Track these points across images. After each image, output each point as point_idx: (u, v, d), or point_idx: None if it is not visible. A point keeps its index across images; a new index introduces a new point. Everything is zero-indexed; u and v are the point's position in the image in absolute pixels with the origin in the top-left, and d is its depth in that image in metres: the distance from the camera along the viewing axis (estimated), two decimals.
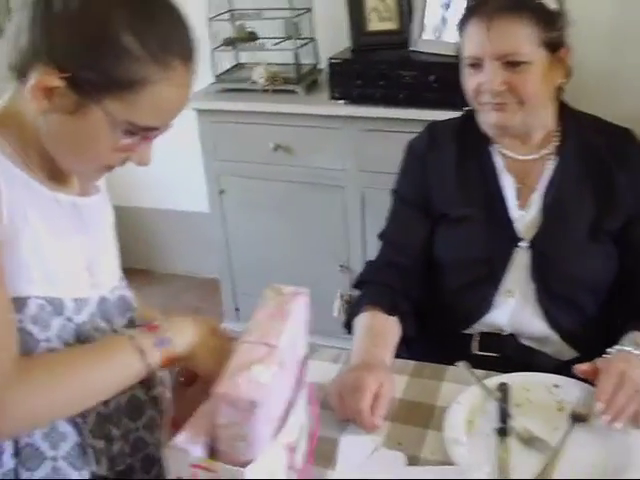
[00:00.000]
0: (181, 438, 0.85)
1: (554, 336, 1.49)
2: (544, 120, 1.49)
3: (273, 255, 2.69)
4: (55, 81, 0.93)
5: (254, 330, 0.93)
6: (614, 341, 1.33)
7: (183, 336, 1.03)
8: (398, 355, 1.44)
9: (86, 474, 1.06)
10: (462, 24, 1.45)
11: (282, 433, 0.91)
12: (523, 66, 1.39)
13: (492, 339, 1.51)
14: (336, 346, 1.48)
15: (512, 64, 1.39)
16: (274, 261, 2.68)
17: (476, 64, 1.42)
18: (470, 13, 1.43)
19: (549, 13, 1.41)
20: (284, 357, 0.91)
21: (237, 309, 2.89)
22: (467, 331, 1.53)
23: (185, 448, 0.84)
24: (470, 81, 1.45)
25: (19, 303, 0.98)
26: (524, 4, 1.39)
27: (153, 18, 0.96)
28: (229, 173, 2.66)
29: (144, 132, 0.99)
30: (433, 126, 1.62)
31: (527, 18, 1.38)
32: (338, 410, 1.24)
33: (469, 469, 1.10)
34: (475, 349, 1.52)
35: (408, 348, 1.52)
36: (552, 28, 1.41)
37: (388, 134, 2.27)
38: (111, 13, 0.93)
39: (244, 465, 0.84)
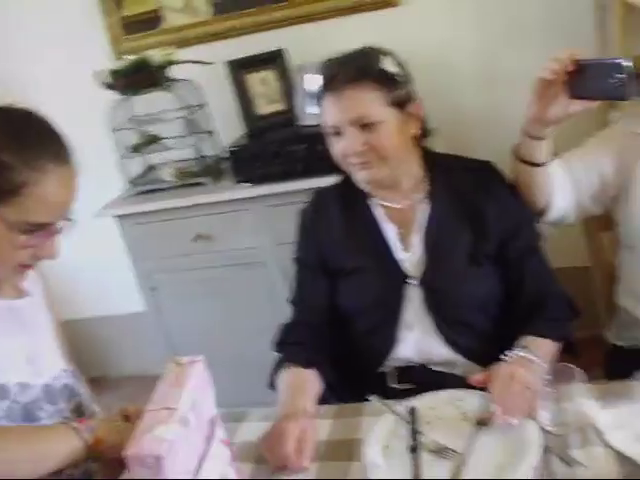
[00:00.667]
0: None
1: (459, 358, 1.63)
2: (410, 168, 1.66)
3: (213, 340, 2.79)
4: None
5: (156, 400, 1.05)
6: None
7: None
8: (327, 402, 1.57)
9: None
10: (318, 99, 1.62)
11: None
12: (377, 126, 1.55)
13: (405, 372, 1.65)
14: None
15: (367, 126, 1.55)
16: (215, 345, 2.79)
17: (337, 132, 1.59)
18: (323, 89, 1.60)
19: (390, 76, 1.58)
20: (187, 417, 1.03)
21: None
22: (382, 369, 1.67)
23: None
24: (336, 148, 1.61)
25: None
26: (366, 73, 1.55)
27: (23, 133, 1.16)
28: (158, 270, 2.78)
29: (41, 228, 1.16)
30: (318, 192, 1.79)
31: (371, 84, 1.55)
32: (269, 460, 1.36)
33: None
34: (392, 383, 1.66)
35: (334, 395, 1.65)
36: (396, 88, 1.58)
37: (293, 206, 2.42)
38: None
39: None
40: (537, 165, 1.60)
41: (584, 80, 1.39)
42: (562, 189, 1.66)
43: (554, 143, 1.59)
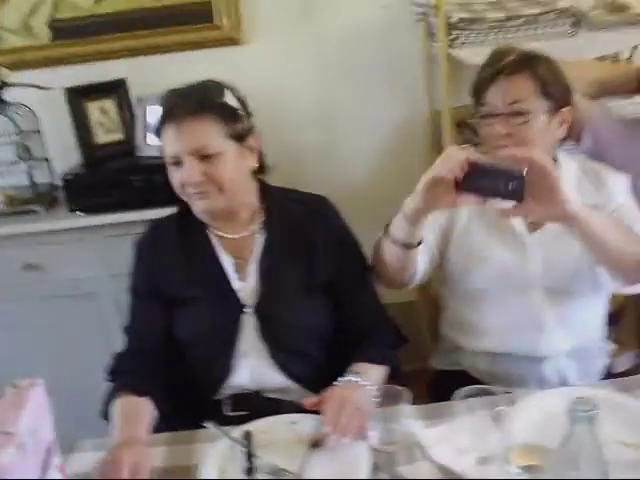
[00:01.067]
0: None
1: (293, 385, 1.67)
2: (246, 200, 1.70)
3: (43, 372, 2.62)
4: None
5: None
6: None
7: None
8: (160, 431, 1.55)
9: None
10: (159, 129, 1.63)
11: None
12: (216, 157, 1.58)
13: (240, 399, 1.67)
14: None
15: (206, 157, 1.58)
16: (45, 377, 2.64)
17: (176, 162, 1.60)
18: (163, 119, 1.61)
19: (231, 110, 1.63)
20: (24, 441, 1.00)
21: None
22: (217, 396, 1.68)
23: None
24: (175, 177, 1.62)
25: None
26: (206, 106, 1.59)
27: None
28: None
29: None
30: (155, 222, 1.79)
31: (211, 117, 1.58)
32: None
33: None
34: (227, 411, 1.67)
35: (169, 425, 1.64)
36: (235, 122, 1.62)
37: (128, 237, 2.38)
38: None
39: None
40: (410, 247, 1.60)
41: (477, 179, 1.41)
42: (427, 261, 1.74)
43: None
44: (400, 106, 2.76)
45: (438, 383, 1.90)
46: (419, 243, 1.60)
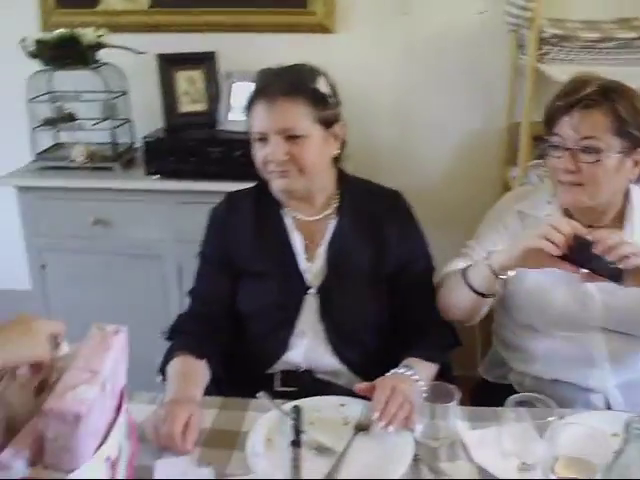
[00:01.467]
0: (5, 455, 0.97)
1: (344, 369, 1.72)
2: (324, 185, 1.75)
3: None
4: None
5: (81, 359, 1.07)
6: None
7: None
8: (211, 395, 1.61)
9: None
10: (249, 105, 1.68)
11: (103, 448, 1.05)
12: (301, 139, 1.63)
13: (291, 376, 1.72)
14: None
15: (292, 138, 1.63)
16: None
17: (262, 138, 1.65)
18: (255, 96, 1.67)
19: (322, 96, 1.67)
20: (106, 382, 1.06)
21: None
22: (270, 370, 1.73)
23: (8, 464, 0.96)
24: (259, 154, 1.67)
25: None
26: (299, 88, 1.64)
27: None
28: (50, 248, 2.73)
29: None
30: (232, 194, 1.84)
31: (302, 100, 1.63)
32: (154, 440, 1.39)
33: (265, 476, 1.28)
34: (277, 386, 1.72)
35: (219, 390, 1.70)
36: (325, 108, 1.67)
37: (200, 206, 2.46)
38: None
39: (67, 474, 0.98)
40: (489, 296, 1.62)
41: (580, 253, 1.43)
42: None
43: None
44: (479, 113, 2.77)
45: (483, 392, 1.92)
46: (495, 294, 1.62)
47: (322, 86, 1.69)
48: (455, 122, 2.79)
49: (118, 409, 1.15)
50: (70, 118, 2.72)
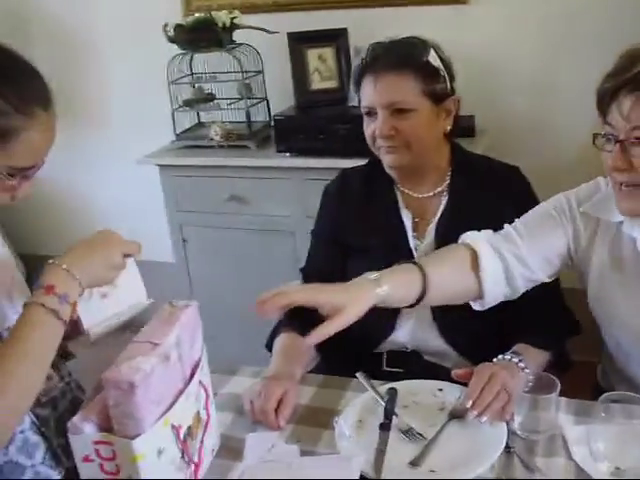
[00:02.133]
0: (76, 418, 1.04)
1: (451, 351, 1.67)
2: (435, 161, 1.69)
3: (232, 299, 2.86)
4: None
5: (143, 333, 1.12)
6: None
7: (73, 284, 1.15)
8: (320, 372, 1.63)
9: (62, 470, 1.25)
10: (358, 80, 1.66)
11: (168, 415, 1.09)
12: (408, 113, 1.59)
13: (398, 356, 1.69)
14: None
15: (399, 112, 1.59)
16: (233, 305, 2.86)
17: (370, 113, 1.63)
18: (364, 70, 1.64)
19: (431, 69, 1.61)
20: (169, 353, 1.10)
21: None
22: (377, 350, 1.71)
23: (80, 426, 1.02)
24: (367, 128, 1.66)
25: None
26: (407, 62, 1.59)
27: (10, 77, 1.13)
28: (189, 223, 2.86)
29: (22, 172, 1.17)
30: (345, 171, 1.84)
31: (411, 73, 1.59)
32: (249, 413, 1.42)
33: (349, 457, 1.27)
34: (384, 366, 1.70)
35: (330, 368, 1.71)
36: (434, 82, 1.61)
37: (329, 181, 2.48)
38: None
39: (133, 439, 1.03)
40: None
41: None
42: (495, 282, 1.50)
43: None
44: None
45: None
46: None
47: (433, 59, 1.64)
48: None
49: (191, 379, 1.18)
50: (209, 98, 2.82)
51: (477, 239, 1.48)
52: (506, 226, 1.52)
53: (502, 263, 1.47)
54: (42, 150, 1.19)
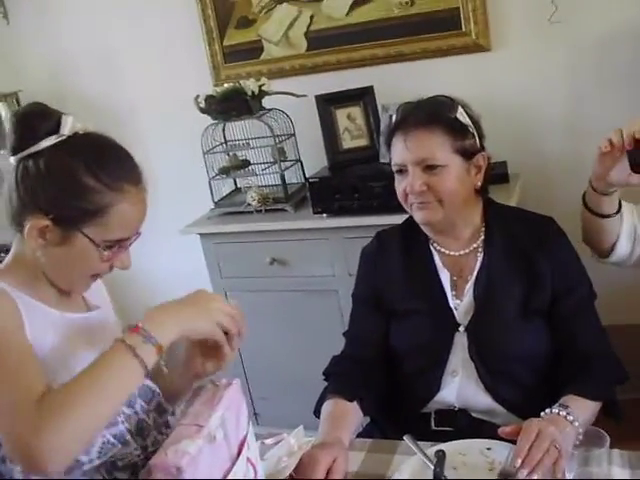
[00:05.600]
0: None
1: (499, 408, 1.64)
2: (468, 217, 1.70)
3: (281, 360, 2.88)
4: (44, 222, 1.24)
5: (188, 416, 1.14)
6: None
7: (163, 328, 1.21)
8: (370, 436, 1.63)
9: None
10: (389, 139, 1.69)
11: None
12: (439, 169, 1.61)
13: (446, 415, 1.67)
14: None
15: (430, 168, 1.61)
16: (282, 365, 2.87)
17: (401, 170, 1.66)
18: (394, 129, 1.68)
19: (460, 125, 1.64)
20: (213, 434, 1.11)
21: (256, 414, 3.06)
22: (425, 410, 1.70)
23: None
24: (399, 186, 1.68)
25: None
26: (437, 119, 1.62)
27: (103, 158, 1.27)
28: (234, 288, 2.89)
29: (118, 243, 1.29)
30: (380, 233, 1.85)
31: (440, 130, 1.61)
32: None
33: None
34: (433, 425, 1.68)
35: (380, 431, 1.71)
36: (463, 138, 1.64)
37: (367, 239, 2.49)
38: (70, 164, 1.25)
39: None
40: (601, 216, 1.69)
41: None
42: (628, 237, 1.72)
43: None
44: None
45: None
46: (610, 215, 1.67)
47: (461, 116, 1.66)
48: None
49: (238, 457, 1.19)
50: (244, 165, 2.88)
51: None
52: None
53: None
54: (135, 222, 1.31)
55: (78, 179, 1.24)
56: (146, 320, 1.21)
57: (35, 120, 1.26)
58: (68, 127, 1.27)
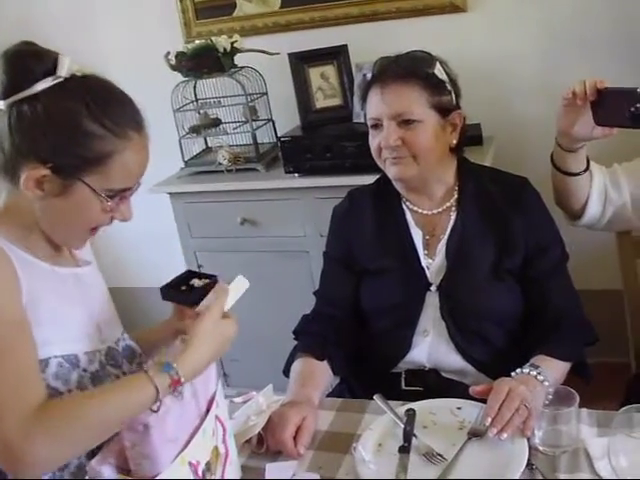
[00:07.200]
0: (94, 461, 1.04)
1: (469, 368, 1.65)
2: (442, 176, 1.69)
3: (251, 321, 2.85)
4: (42, 172, 1.15)
5: None
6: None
7: (194, 374, 1.17)
8: (340, 395, 1.63)
9: None
10: (365, 92, 1.66)
11: (184, 453, 1.08)
12: (415, 124, 1.59)
13: (416, 375, 1.67)
14: None
15: (405, 122, 1.59)
16: (253, 327, 2.85)
17: (376, 125, 1.63)
18: (371, 82, 1.65)
19: (438, 81, 1.62)
20: (182, 391, 1.10)
21: (225, 375, 3.05)
22: (395, 370, 1.70)
23: (98, 469, 1.03)
24: (373, 141, 1.65)
25: (41, 364, 1.17)
26: (415, 73, 1.60)
27: (105, 102, 1.18)
28: (204, 248, 2.86)
29: (120, 193, 1.21)
30: (352, 192, 1.83)
31: (416, 84, 1.59)
32: (269, 443, 1.41)
33: None
34: (403, 385, 1.68)
35: (350, 390, 1.71)
36: (440, 94, 1.62)
37: (339, 200, 2.47)
38: (71, 108, 1.15)
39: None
40: (569, 174, 1.69)
41: (605, 108, 1.41)
42: (599, 198, 1.72)
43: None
44: (633, 82, 2.54)
45: (636, 388, 1.77)
46: (579, 173, 1.68)
47: (438, 72, 1.64)
48: None
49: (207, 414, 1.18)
50: (215, 123, 2.83)
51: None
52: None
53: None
54: (138, 170, 1.23)
55: (80, 125, 1.14)
56: (181, 369, 1.14)
57: (29, 60, 1.16)
58: (65, 68, 1.17)
